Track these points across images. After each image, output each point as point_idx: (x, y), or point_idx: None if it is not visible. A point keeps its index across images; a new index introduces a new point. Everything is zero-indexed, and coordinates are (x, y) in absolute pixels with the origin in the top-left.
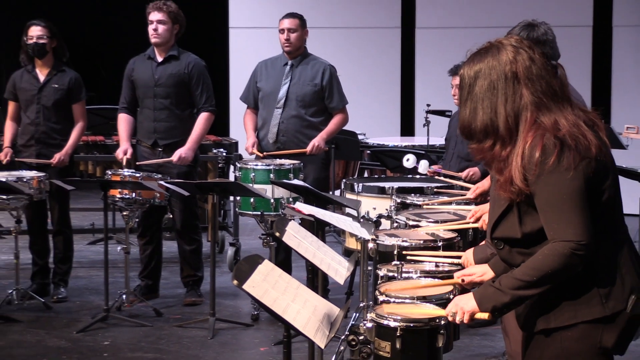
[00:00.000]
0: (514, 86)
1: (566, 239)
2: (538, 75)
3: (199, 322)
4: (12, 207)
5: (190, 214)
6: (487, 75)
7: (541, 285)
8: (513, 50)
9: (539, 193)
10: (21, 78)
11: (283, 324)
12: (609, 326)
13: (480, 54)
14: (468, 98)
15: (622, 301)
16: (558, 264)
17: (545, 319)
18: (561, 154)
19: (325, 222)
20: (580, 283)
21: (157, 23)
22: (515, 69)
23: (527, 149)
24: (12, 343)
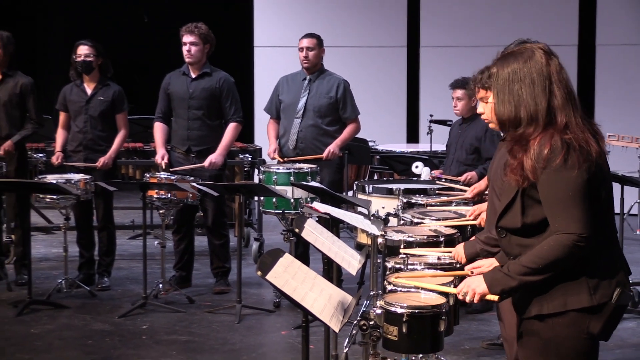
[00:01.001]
0: (550, 85)
1: (569, 231)
2: (565, 80)
3: (227, 309)
4: (61, 206)
5: (219, 212)
6: (527, 74)
7: (545, 272)
8: (545, 55)
9: (545, 187)
10: (71, 91)
11: (302, 310)
12: (596, 315)
13: (513, 56)
14: (508, 93)
15: (608, 293)
16: (561, 254)
17: (539, 306)
18: (567, 154)
19: (339, 219)
20: (571, 275)
21: (190, 45)
22: (549, 71)
23: (536, 145)
24: (61, 326)
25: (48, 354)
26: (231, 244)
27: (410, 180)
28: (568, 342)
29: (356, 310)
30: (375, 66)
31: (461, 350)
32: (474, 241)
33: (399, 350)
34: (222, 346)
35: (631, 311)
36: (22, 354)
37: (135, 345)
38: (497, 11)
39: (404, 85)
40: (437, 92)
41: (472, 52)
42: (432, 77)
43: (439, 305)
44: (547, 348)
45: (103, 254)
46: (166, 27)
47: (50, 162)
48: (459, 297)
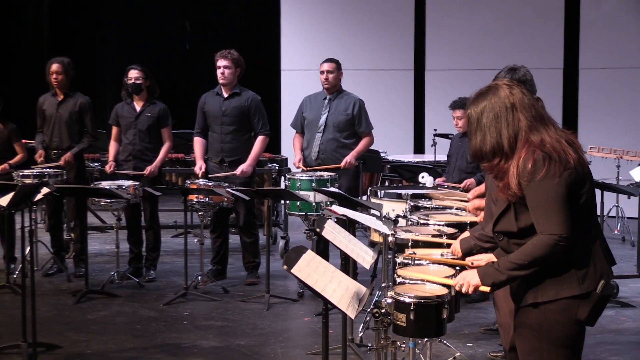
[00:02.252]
0: (513, 114)
1: (551, 232)
2: (529, 104)
3: (257, 298)
4: (114, 209)
5: (250, 214)
6: (492, 109)
7: (530, 267)
8: (508, 88)
9: (531, 196)
10: (122, 109)
11: (322, 300)
12: (583, 302)
13: (482, 95)
14: (477, 129)
15: (594, 283)
16: (544, 252)
17: (534, 295)
18: (549, 165)
19: (355, 220)
20: (562, 267)
21: (223, 68)
22: (513, 101)
23: (521, 162)
24: (114, 313)
25: (102, 337)
26: (260, 241)
27: (416, 186)
28: (559, 326)
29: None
30: (386, 87)
31: (461, 335)
32: (469, 237)
33: (407, 334)
34: (253, 330)
35: (611, 301)
36: (80, 337)
37: (177, 330)
38: (493, 38)
39: (411, 104)
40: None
41: (471, 75)
42: (436, 97)
43: (442, 296)
44: (540, 332)
45: (150, 250)
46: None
47: (104, 170)
48: (456, 288)
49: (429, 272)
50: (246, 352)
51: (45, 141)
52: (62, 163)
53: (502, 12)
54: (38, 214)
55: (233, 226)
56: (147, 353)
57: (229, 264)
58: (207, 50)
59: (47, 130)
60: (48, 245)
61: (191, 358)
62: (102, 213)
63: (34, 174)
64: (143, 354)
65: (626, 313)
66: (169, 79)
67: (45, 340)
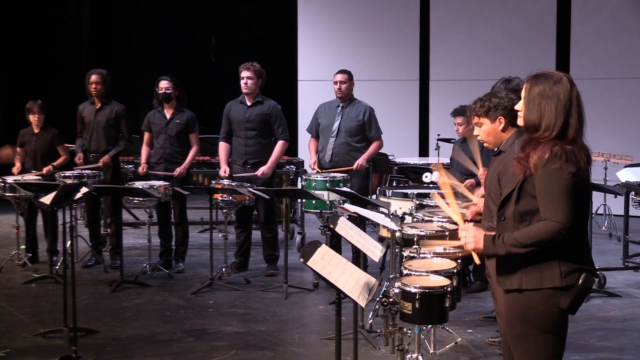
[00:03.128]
0: (570, 105)
1: (556, 220)
2: (581, 105)
3: (276, 288)
4: (146, 206)
5: (270, 211)
6: (555, 93)
7: (529, 247)
8: (570, 83)
9: (542, 182)
10: (154, 116)
11: (335, 290)
12: (565, 293)
13: (543, 77)
14: (533, 106)
15: (575, 277)
16: (546, 237)
17: (519, 281)
18: (565, 161)
19: (365, 217)
20: (547, 258)
21: (247, 78)
22: (571, 96)
23: (540, 151)
24: (146, 301)
25: (135, 323)
26: (279, 236)
27: (421, 186)
28: (543, 314)
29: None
30: (394, 95)
31: (462, 322)
32: None
33: (412, 321)
34: (272, 317)
35: (598, 291)
36: (115, 323)
37: (203, 316)
38: (491, 51)
39: (416, 111)
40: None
41: (471, 85)
42: (439, 105)
43: (445, 286)
44: (526, 318)
45: (179, 244)
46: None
47: (138, 171)
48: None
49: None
50: (266, 337)
51: (84, 145)
52: (100, 165)
53: (499, 27)
54: (78, 211)
55: (254, 222)
56: (176, 337)
57: (250, 256)
58: (231, 63)
59: (86, 135)
60: (87, 240)
61: (216, 342)
62: (136, 210)
63: (74, 175)
64: (172, 338)
65: (612, 302)
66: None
67: (85, 326)
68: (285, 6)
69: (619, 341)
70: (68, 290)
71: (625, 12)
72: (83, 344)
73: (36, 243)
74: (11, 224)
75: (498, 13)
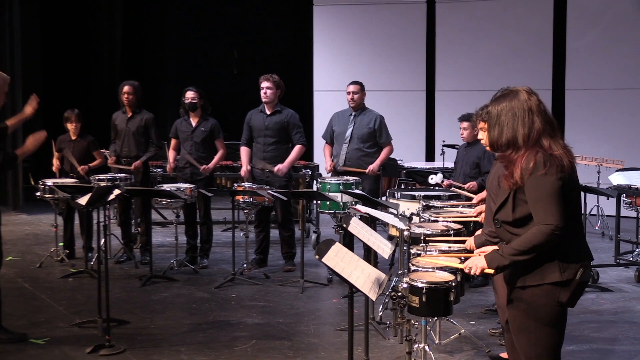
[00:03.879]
0: (530, 116)
1: (548, 222)
2: (544, 111)
3: (293, 282)
4: (173, 207)
5: (287, 212)
6: (511, 109)
7: (529, 253)
8: (527, 94)
9: (531, 189)
10: (181, 124)
11: (348, 284)
12: (564, 288)
13: (503, 96)
14: (496, 124)
15: (573, 272)
16: (541, 240)
17: (522, 279)
18: (550, 166)
19: (375, 217)
20: (548, 258)
21: (266, 89)
22: (530, 105)
23: (525, 159)
24: (173, 294)
25: (163, 314)
26: (296, 235)
27: (428, 189)
28: (544, 307)
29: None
30: (402, 105)
31: (465, 314)
32: (480, 234)
33: (419, 314)
34: (289, 310)
35: (592, 286)
36: (145, 314)
37: (226, 309)
38: (492, 63)
39: (423, 119)
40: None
41: (474, 94)
42: (444, 113)
43: (450, 281)
44: (528, 312)
45: (203, 241)
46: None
47: (166, 174)
48: (465, 271)
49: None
50: (284, 328)
51: (117, 150)
52: (132, 169)
53: (500, 41)
54: (111, 211)
55: (273, 222)
56: (201, 328)
57: (269, 253)
58: (251, 74)
59: (119, 141)
60: (119, 238)
61: (238, 332)
62: (164, 211)
63: (107, 178)
64: (198, 329)
65: (605, 296)
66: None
67: (117, 317)
68: (302, 22)
69: (611, 332)
70: (102, 284)
71: (617, 28)
72: (115, 334)
73: (73, 241)
74: (50, 223)
75: (499, 28)
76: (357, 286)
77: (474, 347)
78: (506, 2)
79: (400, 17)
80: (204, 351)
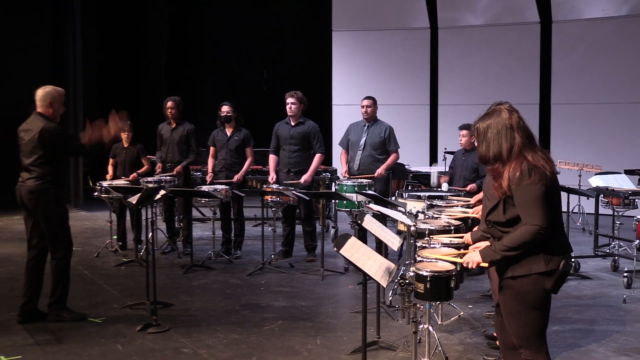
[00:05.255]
0: (511, 132)
1: (534, 223)
2: (523, 127)
3: (314, 271)
4: (211, 205)
5: (309, 209)
6: (495, 126)
7: (518, 249)
8: (508, 112)
9: (519, 196)
10: (217, 134)
11: (362, 273)
12: (549, 277)
13: (488, 115)
14: (483, 140)
15: (557, 263)
16: (528, 238)
17: (512, 270)
18: (534, 175)
19: (386, 214)
20: (534, 251)
21: (291, 104)
22: (512, 122)
23: (512, 170)
24: (211, 281)
25: (202, 298)
26: (317, 230)
27: (431, 190)
28: (531, 294)
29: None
30: (409, 117)
31: (464, 299)
32: (477, 231)
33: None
34: (311, 295)
35: (573, 275)
36: (187, 297)
37: (256, 293)
38: (488, 80)
39: (427, 129)
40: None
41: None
42: (446, 124)
43: (450, 271)
44: (518, 298)
45: (237, 235)
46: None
47: (205, 178)
48: (463, 265)
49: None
50: (306, 310)
51: (162, 157)
52: (175, 173)
53: (494, 62)
54: (157, 209)
55: (297, 218)
56: (235, 310)
57: (294, 246)
58: (278, 91)
59: (164, 149)
60: (164, 232)
61: (266, 314)
62: (203, 208)
63: (154, 181)
64: (231, 310)
65: (585, 283)
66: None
67: (162, 300)
68: (322, 46)
69: (590, 314)
70: (149, 271)
71: (596, 51)
72: (161, 315)
73: (125, 234)
74: (106, 219)
75: (493, 51)
76: (370, 274)
77: (472, 328)
78: (499, 28)
79: (408, 42)
80: (237, 330)
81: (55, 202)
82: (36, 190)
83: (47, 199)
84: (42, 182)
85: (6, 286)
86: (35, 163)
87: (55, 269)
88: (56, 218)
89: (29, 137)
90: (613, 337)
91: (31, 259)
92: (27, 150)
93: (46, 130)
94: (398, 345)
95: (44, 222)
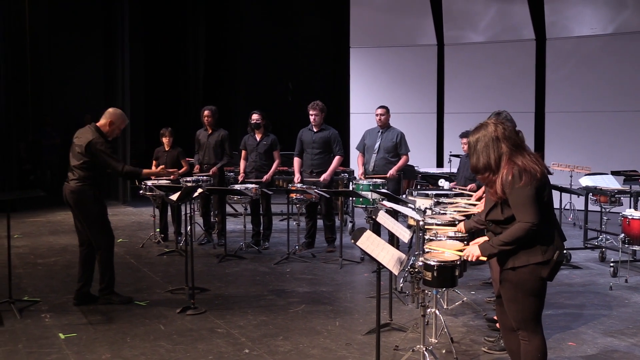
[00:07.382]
0: (498, 142)
1: (527, 221)
2: (509, 136)
3: (334, 261)
4: (242, 202)
5: (330, 206)
6: (483, 139)
7: (513, 244)
8: (494, 125)
9: (513, 197)
10: (248, 139)
11: (376, 262)
12: (545, 266)
13: (477, 129)
14: (474, 152)
15: (551, 254)
16: (522, 234)
17: (512, 262)
18: (525, 178)
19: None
20: (531, 244)
21: (315, 115)
22: (497, 134)
23: (504, 176)
24: (242, 269)
25: (235, 284)
26: (336, 224)
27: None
28: (529, 282)
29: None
30: (418, 124)
31: (467, 286)
32: (470, 220)
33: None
34: (331, 281)
35: (566, 265)
36: (221, 284)
37: (282, 280)
38: (489, 90)
39: (434, 134)
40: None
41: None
42: (451, 130)
43: (455, 261)
44: (517, 286)
45: (265, 228)
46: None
47: (237, 178)
48: (463, 258)
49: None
50: (327, 296)
51: (200, 159)
52: (210, 173)
53: (494, 74)
54: (195, 205)
55: (319, 214)
56: (263, 294)
57: (316, 238)
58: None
59: (201, 152)
60: (201, 225)
61: (291, 299)
62: (235, 205)
63: (193, 180)
64: (261, 295)
65: (576, 272)
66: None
67: (199, 285)
68: (341, 61)
69: (580, 300)
70: (188, 260)
71: (586, 64)
72: (198, 299)
73: (167, 227)
74: (149, 214)
75: (493, 64)
76: (383, 263)
77: (474, 312)
78: (499, 45)
79: (417, 57)
80: (265, 312)
81: (93, 201)
82: (76, 191)
83: (86, 199)
84: (82, 184)
85: (64, 272)
86: (79, 166)
87: (101, 260)
88: (93, 215)
89: (78, 144)
90: (600, 320)
91: (83, 249)
92: (75, 154)
93: (93, 144)
94: (408, 327)
95: (83, 219)
